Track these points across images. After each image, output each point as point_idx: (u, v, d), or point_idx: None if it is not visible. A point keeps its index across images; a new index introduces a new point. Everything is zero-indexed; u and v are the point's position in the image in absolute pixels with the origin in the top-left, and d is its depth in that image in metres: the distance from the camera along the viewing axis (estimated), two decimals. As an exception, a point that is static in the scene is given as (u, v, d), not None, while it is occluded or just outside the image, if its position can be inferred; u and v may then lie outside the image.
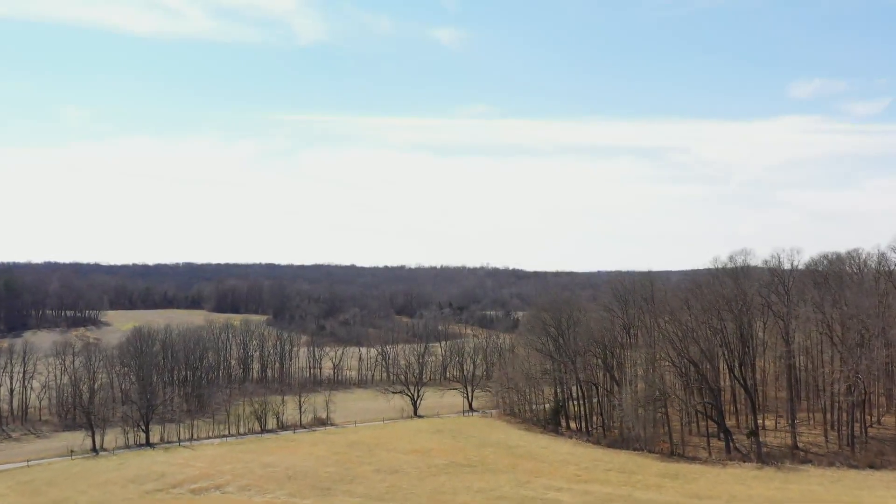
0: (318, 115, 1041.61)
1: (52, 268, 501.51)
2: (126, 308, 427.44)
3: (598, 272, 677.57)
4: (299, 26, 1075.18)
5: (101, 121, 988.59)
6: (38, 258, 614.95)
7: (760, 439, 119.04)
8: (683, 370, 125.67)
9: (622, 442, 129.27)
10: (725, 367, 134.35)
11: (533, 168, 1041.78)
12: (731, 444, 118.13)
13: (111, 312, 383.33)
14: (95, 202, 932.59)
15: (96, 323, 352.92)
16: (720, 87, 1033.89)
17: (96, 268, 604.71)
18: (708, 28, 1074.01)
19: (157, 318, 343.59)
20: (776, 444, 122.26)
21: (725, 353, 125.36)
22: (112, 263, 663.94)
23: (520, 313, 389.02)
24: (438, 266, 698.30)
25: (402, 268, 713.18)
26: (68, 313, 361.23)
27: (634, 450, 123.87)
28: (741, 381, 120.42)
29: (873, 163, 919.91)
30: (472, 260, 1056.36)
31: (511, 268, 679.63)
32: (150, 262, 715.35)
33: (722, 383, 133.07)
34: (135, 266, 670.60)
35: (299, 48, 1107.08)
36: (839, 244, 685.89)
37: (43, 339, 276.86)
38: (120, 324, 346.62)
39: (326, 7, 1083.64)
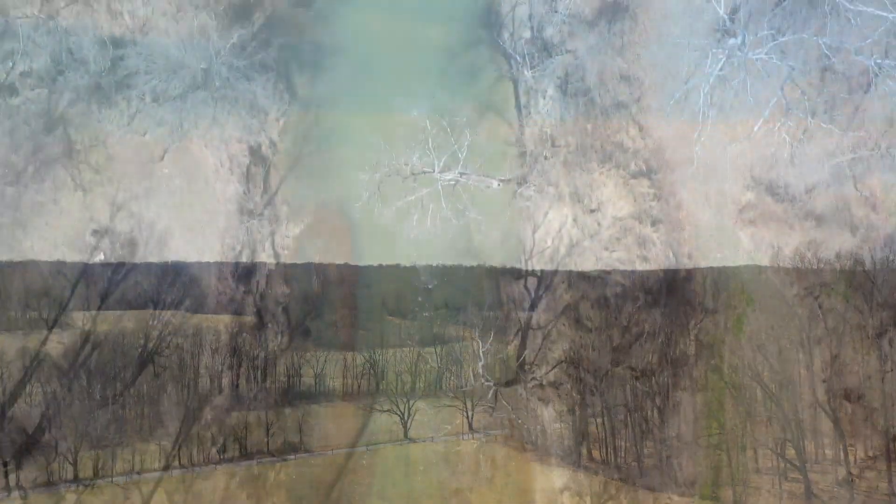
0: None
1: (22, 266, 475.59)
2: (101, 309, 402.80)
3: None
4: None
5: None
6: (20, 256, 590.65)
7: (835, 477, 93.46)
8: (745, 391, 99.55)
9: (663, 482, 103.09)
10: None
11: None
12: (811, 491, 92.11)
13: (81, 313, 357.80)
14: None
15: (62, 325, 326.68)
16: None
17: (80, 266, 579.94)
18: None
19: (131, 319, 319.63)
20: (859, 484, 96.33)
21: (802, 370, 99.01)
22: (96, 261, 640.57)
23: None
24: (434, 265, 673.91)
25: (396, 266, 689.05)
26: (32, 314, 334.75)
27: (682, 495, 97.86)
28: (829, 412, 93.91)
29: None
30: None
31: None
32: (137, 260, 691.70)
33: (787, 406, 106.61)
34: (119, 264, 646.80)
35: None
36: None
37: (2, 344, 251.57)
38: (91, 326, 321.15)
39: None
